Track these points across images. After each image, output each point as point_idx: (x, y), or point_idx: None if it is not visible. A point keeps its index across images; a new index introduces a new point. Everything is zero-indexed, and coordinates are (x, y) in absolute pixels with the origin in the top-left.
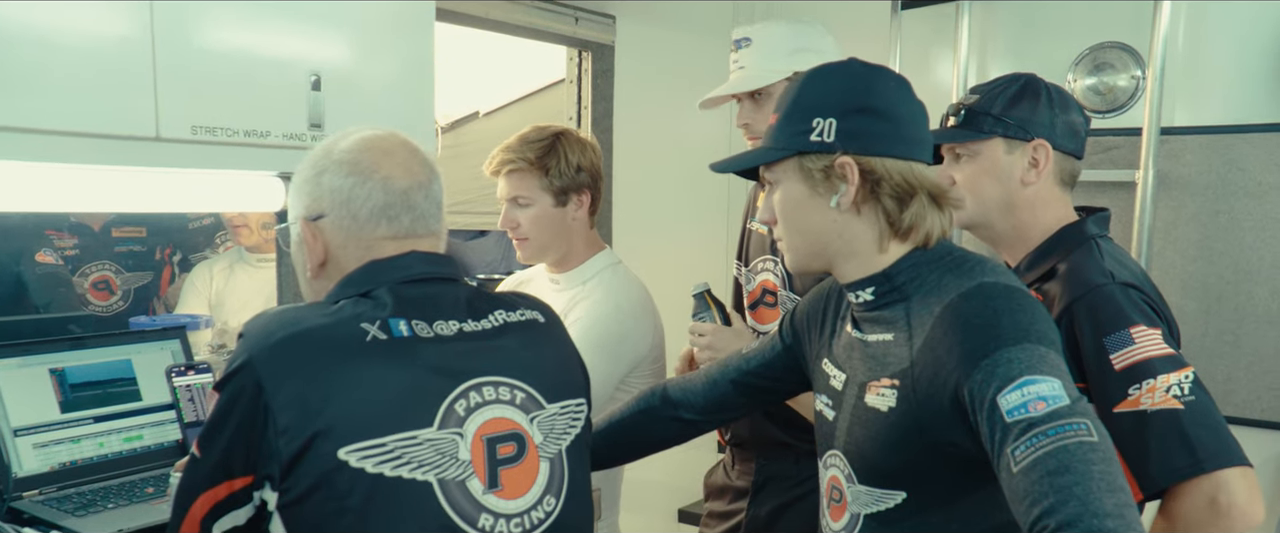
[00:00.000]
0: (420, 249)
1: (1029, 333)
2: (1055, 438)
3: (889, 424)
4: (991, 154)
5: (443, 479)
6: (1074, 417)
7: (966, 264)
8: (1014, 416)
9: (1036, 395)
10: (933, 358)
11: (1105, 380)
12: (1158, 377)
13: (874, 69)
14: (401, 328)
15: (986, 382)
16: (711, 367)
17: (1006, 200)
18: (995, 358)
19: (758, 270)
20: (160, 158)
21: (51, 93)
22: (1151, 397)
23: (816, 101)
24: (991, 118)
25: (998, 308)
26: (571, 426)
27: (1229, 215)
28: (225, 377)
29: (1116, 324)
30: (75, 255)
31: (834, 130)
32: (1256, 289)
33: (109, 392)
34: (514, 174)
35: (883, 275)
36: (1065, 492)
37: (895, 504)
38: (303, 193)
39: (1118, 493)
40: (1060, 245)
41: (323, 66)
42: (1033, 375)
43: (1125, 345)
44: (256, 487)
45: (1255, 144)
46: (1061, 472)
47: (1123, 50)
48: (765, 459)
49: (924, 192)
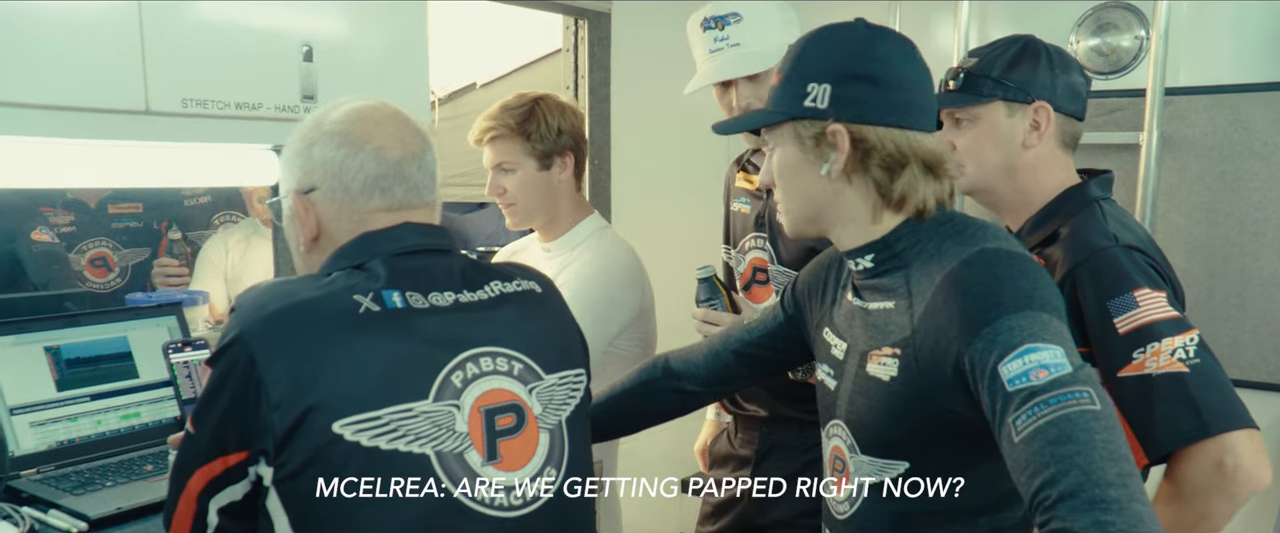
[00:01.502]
0: (414, 220)
1: (1032, 300)
2: (1057, 407)
3: (891, 393)
4: (992, 118)
5: (440, 451)
6: (1076, 385)
7: (968, 230)
8: (1015, 384)
9: (1038, 364)
10: (934, 326)
11: (1109, 344)
12: (1162, 340)
13: (878, 32)
14: (395, 300)
15: (988, 350)
16: (713, 338)
17: (1008, 164)
18: (996, 326)
19: (746, 250)
20: (151, 131)
21: (39, 66)
22: (1156, 360)
23: (813, 65)
24: (991, 81)
25: (999, 274)
26: (571, 396)
27: (1235, 176)
28: (217, 351)
29: (1120, 287)
30: (71, 232)
31: (828, 96)
32: (1262, 251)
33: (105, 369)
34: (496, 141)
35: (881, 242)
36: (1067, 461)
37: (897, 474)
38: (294, 166)
39: (1120, 462)
40: (1063, 208)
41: (314, 37)
42: (1034, 343)
43: (1129, 309)
44: (252, 462)
45: (1261, 103)
46: (1063, 441)
47: (1126, 10)
48: (769, 429)
49: (917, 162)
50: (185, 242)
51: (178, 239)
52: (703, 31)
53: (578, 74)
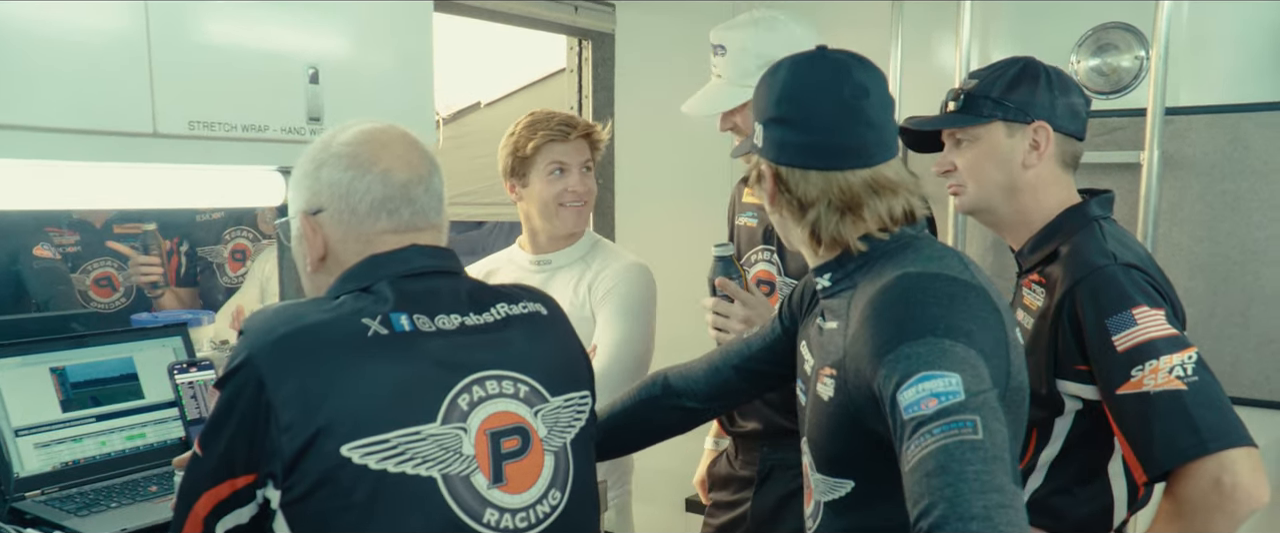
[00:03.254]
0: (420, 242)
1: (935, 326)
2: (939, 437)
3: (829, 413)
4: (992, 138)
5: (447, 475)
6: (962, 414)
7: (905, 252)
8: (909, 413)
9: (929, 392)
10: (856, 350)
11: (1108, 362)
12: (1161, 357)
13: (811, 69)
14: (403, 322)
15: (889, 377)
16: (714, 353)
17: (1009, 184)
18: (897, 353)
19: (752, 262)
20: (158, 154)
21: (47, 89)
22: (1155, 378)
23: (756, 104)
24: (991, 101)
25: (910, 300)
26: (576, 419)
27: (1235, 195)
28: (226, 374)
29: (1119, 306)
30: (76, 252)
31: (760, 136)
32: (1263, 269)
33: (111, 390)
34: (580, 140)
35: (836, 262)
36: (938, 493)
37: (846, 493)
38: (301, 187)
39: (990, 494)
40: (1063, 228)
41: (321, 59)
42: (929, 371)
43: (1127, 327)
44: (259, 485)
45: (1260, 123)
46: (938, 472)
47: (1126, 30)
48: (770, 447)
49: (827, 203)
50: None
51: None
52: (710, 55)
53: (582, 94)
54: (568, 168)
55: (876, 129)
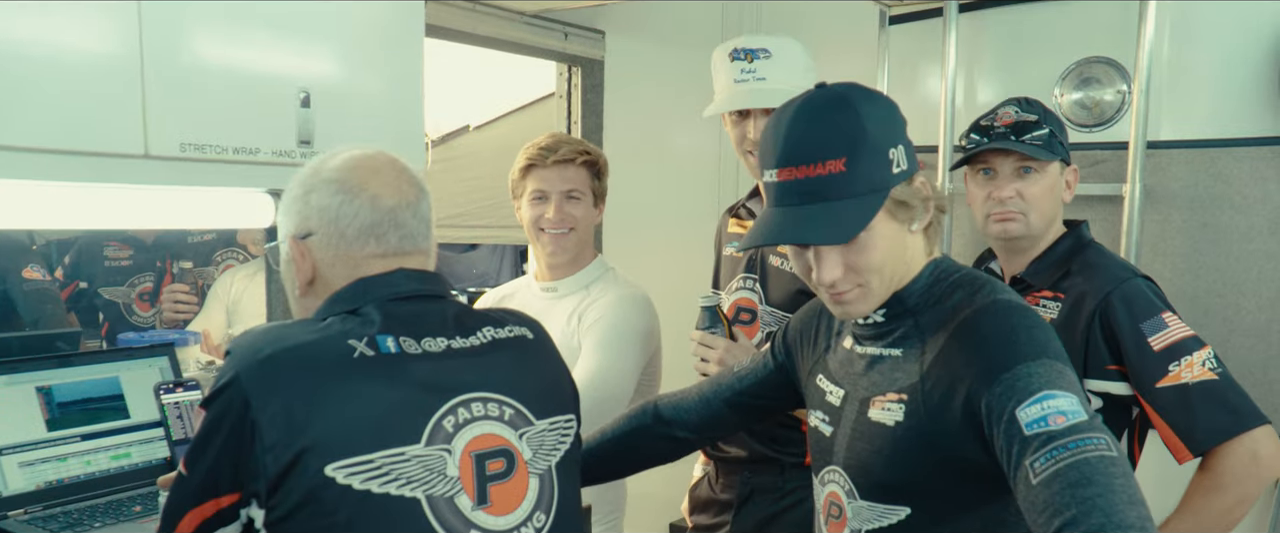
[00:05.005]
0: (408, 266)
1: (1047, 349)
2: (1076, 451)
3: (895, 439)
4: (1054, 174)
5: (431, 496)
6: (1092, 432)
7: (975, 282)
8: (1033, 429)
9: (1056, 410)
10: (947, 372)
11: (1146, 361)
12: (1192, 353)
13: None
14: (389, 344)
15: (1006, 395)
16: (704, 385)
17: (1050, 216)
18: (1015, 372)
19: (733, 290)
20: (149, 175)
21: (39, 110)
22: (1191, 371)
23: (886, 130)
24: (1058, 142)
25: (1015, 325)
26: (561, 442)
27: (1215, 228)
28: (212, 393)
29: (1151, 311)
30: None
31: (903, 157)
32: (1243, 301)
33: (96, 409)
34: (568, 166)
35: (895, 297)
36: (1088, 503)
37: (898, 520)
38: (291, 211)
39: (1139, 507)
40: (1070, 249)
41: (312, 83)
42: (1052, 390)
43: (1161, 329)
44: (243, 504)
45: (1240, 158)
46: (1084, 484)
47: (1108, 65)
48: (750, 472)
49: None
50: (195, 272)
51: (188, 267)
52: (731, 61)
53: (570, 119)
54: (547, 195)
55: None
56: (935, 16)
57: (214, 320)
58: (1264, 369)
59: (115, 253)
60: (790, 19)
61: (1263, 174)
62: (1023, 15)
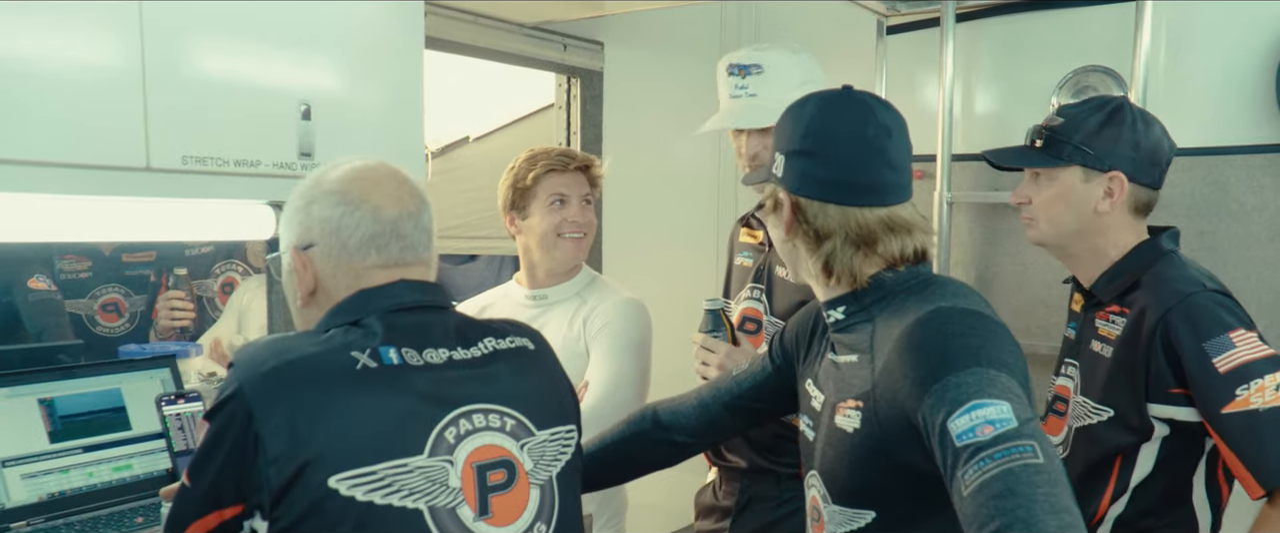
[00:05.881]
0: (409, 277)
1: (979, 357)
2: (1001, 461)
3: (854, 445)
4: (1069, 181)
5: (433, 507)
6: (1020, 439)
7: (929, 288)
8: (963, 440)
9: (984, 420)
10: (890, 383)
11: (1211, 384)
12: (1265, 376)
13: (839, 107)
14: (392, 356)
15: (937, 406)
16: (703, 389)
17: (1079, 227)
18: (945, 383)
19: (740, 300)
20: (151, 188)
21: (42, 124)
22: (1262, 396)
23: (780, 134)
24: (1073, 146)
25: (949, 332)
26: (562, 452)
27: (1213, 236)
28: (216, 406)
29: (1215, 330)
30: (87, 278)
31: (781, 167)
32: None
33: (98, 421)
34: (581, 173)
35: (851, 296)
36: (1010, 515)
37: (865, 524)
38: (293, 222)
39: (1062, 514)
40: (1139, 261)
41: (313, 96)
42: (980, 399)
43: (1227, 349)
44: (246, 516)
45: (1237, 166)
46: (1006, 495)
47: (1105, 73)
48: (748, 481)
49: (843, 236)
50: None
51: (183, 275)
52: (728, 76)
53: (570, 130)
54: (568, 199)
55: (896, 170)
56: (933, 26)
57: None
58: None
59: (72, 266)
60: (788, 29)
61: (1260, 182)
62: (1020, 25)
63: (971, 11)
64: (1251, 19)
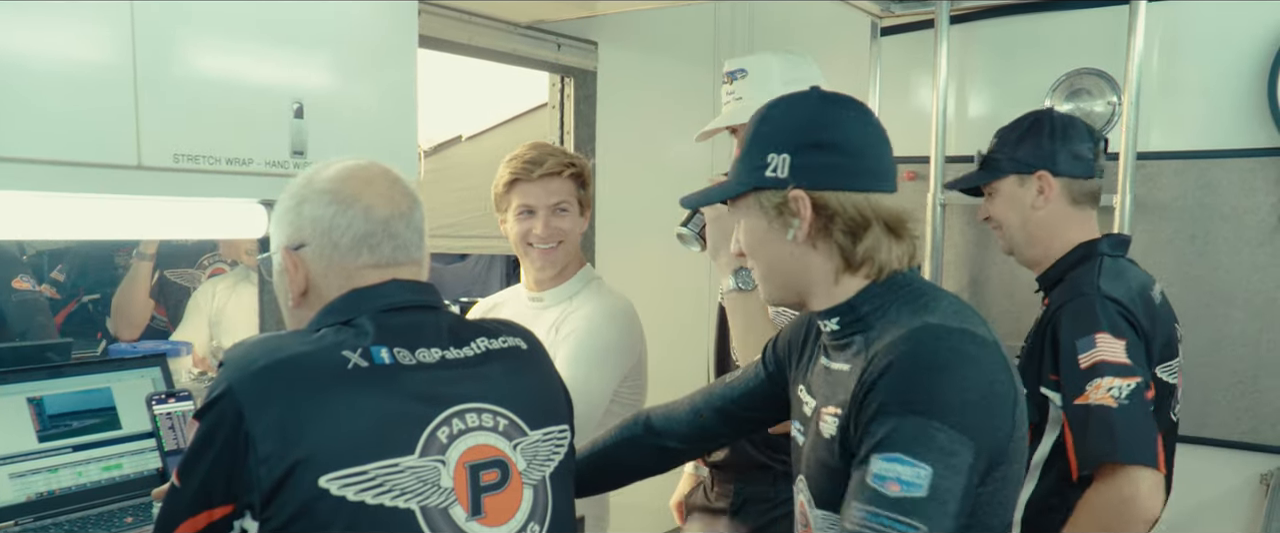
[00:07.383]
0: (401, 277)
1: (932, 403)
2: (877, 528)
3: (830, 451)
4: (1008, 189)
5: (425, 507)
6: (913, 517)
7: (921, 299)
8: (872, 481)
9: (896, 476)
10: (861, 392)
11: (1072, 376)
12: (1105, 378)
13: (832, 100)
14: (383, 356)
15: (871, 436)
16: (696, 396)
17: (1024, 226)
18: (888, 420)
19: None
20: (142, 186)
21: (32, 121)
22: (1097, 393)
23: (772, 136)
24: (1005, 158)
25: (924, 363)
26: (555, 452)
27: (1205, 239)
28: (206, 405)
29: (1088, 329)
30: None
31: (787, 166)
32: (1232, 311)
33: (88, 420)
34: (554, 179)
35: (847, 306)
36: None
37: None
38: (284, 222)
39: None
40: (1069, 260)
41: (305, 94)
42: (907, 456)
43: (1089, 348)
44: (237, 516)
45: (1228, 169)
46: None
47: (1098, 76)
48: (744, 482)
49: (879, 223)
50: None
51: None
52: (723, 82)
53: (563, 130)
54: (534, 210)
55: (892, 161)
56: (927, 28)
57: (197, 333)
58: (1254, 378)
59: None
60: (781, 31)
61: (1251, 185)
62: (1014, 27)
63: (966, 13)
64: (1245, 22)
